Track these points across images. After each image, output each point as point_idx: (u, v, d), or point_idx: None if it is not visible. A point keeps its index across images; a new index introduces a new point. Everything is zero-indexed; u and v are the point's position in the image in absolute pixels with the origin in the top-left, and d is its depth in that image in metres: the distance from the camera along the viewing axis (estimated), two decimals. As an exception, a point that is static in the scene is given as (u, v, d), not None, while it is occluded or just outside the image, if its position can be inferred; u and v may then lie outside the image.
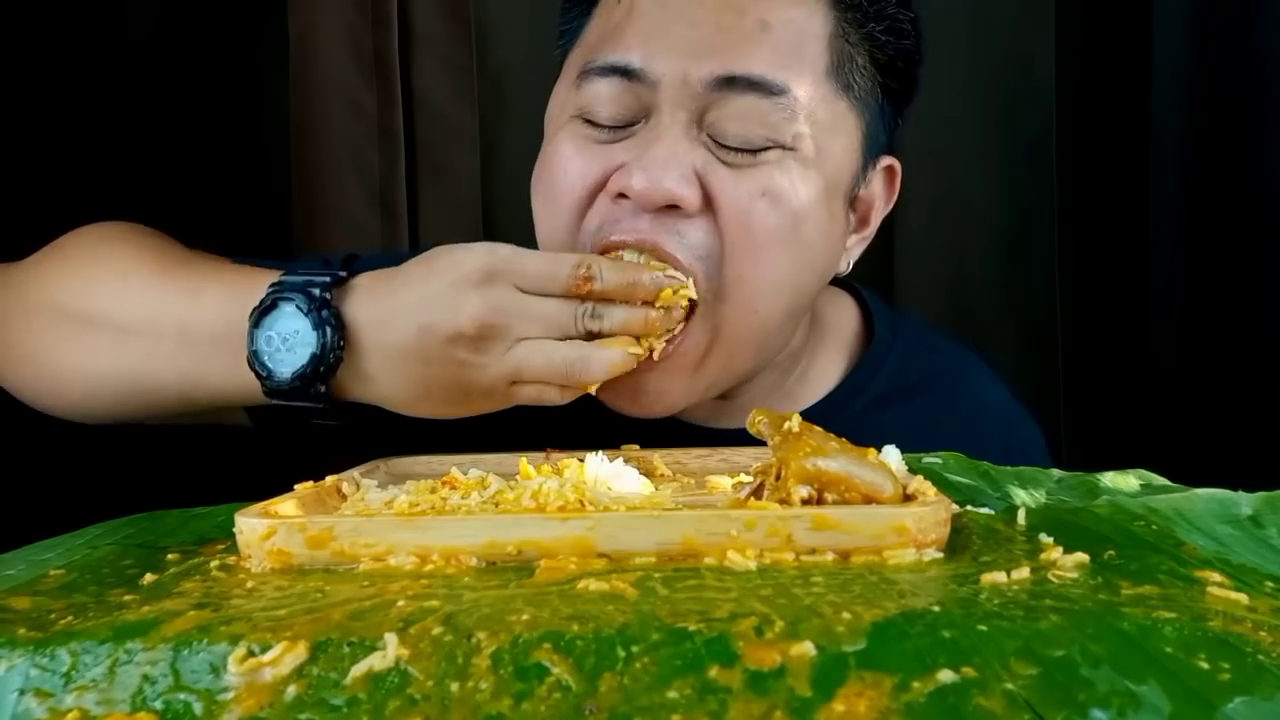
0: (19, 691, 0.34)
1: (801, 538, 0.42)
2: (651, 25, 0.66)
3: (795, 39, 0.66)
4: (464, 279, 0.60)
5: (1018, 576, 0.39)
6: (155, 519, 0.56)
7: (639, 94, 0.66)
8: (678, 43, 0.65)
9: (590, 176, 0.66)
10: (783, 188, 0.65)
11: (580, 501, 0.47)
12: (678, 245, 0.64)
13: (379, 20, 1.12)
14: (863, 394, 0.79)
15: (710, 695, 0.31)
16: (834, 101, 0.68)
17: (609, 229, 0.65)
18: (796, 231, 0.66)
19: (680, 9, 0.66)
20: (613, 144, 0.67)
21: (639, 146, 0.65)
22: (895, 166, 0.75)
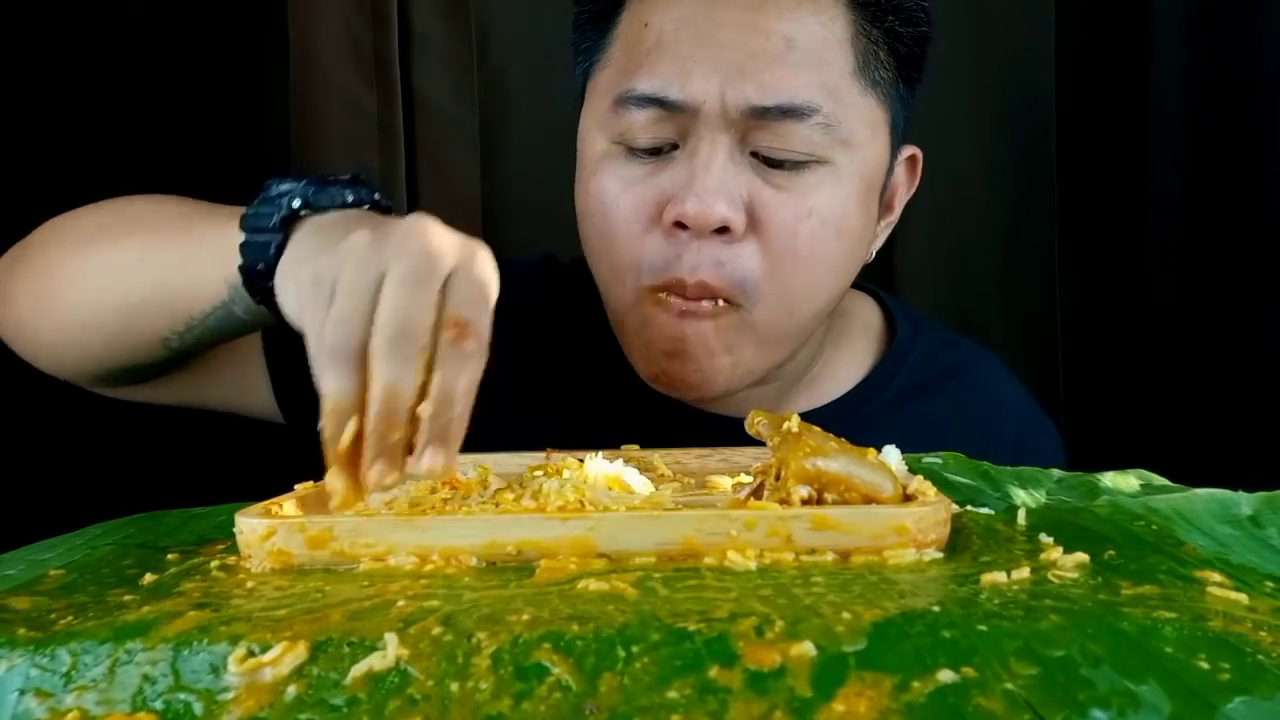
0: (19, 691, 0.34)
1: (801, 538, 0.42)
2: (684, 52, 0.67)
3: (820, 50, 0.68)
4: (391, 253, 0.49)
5: (1018, 576, 0.39)
6: (155, 519, 0.56)
7: (678, 121, 0.67)
8: (712, 69, 0.66)
9: (643, 210, 0.68)
10: (826, 203, 0.68)
11: (580, 501, 0.47)
12: (721, 279, 0.67)
13: (379, 20, 1.12)
14: (887, 389, 0.82)
15: (710, 695, 0.31)
16: (863, 101, 0.70)
17: (669, 270, 0.68)
18: (839, 242, 0.70)
19: (709, 34, 0.67)
20: (656, 173, 0.68)
21: (685, 174, 0.67)
22: (917, 155, 0.78)
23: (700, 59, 0.67)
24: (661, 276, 0.68)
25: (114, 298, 0.66)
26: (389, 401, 0.44)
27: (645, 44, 0.69)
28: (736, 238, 0.67)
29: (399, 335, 0.45)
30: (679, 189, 0.67)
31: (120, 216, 0.69)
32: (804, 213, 0.68)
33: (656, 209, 0.68)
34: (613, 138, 0.70)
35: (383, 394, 0.44)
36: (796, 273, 0.69)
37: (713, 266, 0.67)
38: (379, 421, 0.44)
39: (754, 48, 0.66)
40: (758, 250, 0.68)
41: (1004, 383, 0.88)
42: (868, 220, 0.73)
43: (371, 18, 1.12)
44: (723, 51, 0.66)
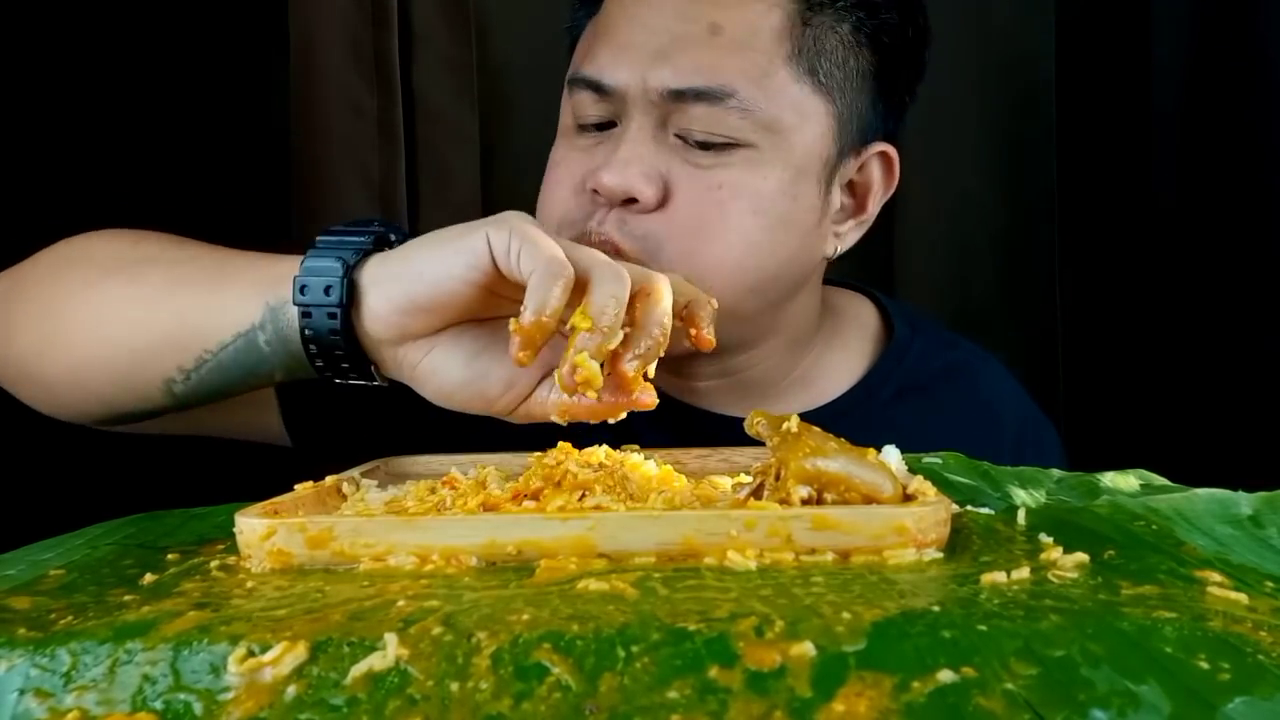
0: (19, 691, 0.34)
1: (801, 538, 0.42)
2: (619, 38, 0.72)
3: (746, 37, 0.70)
4: None
5: (1018, 576, 0.39)
6: (155, 519, 0.56)
7: (612, 103, 0.72)
8: (637, 54, 0.70)
9: (574, 177, 0.73)
10: (739, 180, 0.70)
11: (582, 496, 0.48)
12: (622, 234, 0.70)
13: (379, 20, 1.12)
14: (885, 386, 0.82)
15: (710, 695, 0.31)
16: (794, 88, 0.71)
17: (578, 225, 0.72)
18: (750, 220, 0.71)
19: (642, 19, 0.71)
20: (593, 147, 0.73)
21: (611, 149, 0.71)
22: (891, 153, 0.77)
23: (630, 45, 0.71)
24: (573, 230, 0.72)
25: (124, 337, 0.64)
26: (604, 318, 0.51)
27: (595, 30, 0.74)
28: (645, 208, 0.70)
29: (642, 275, 0.54)
30: (600, 162, 0.71)
31: (136, 251, 0.68)
32: (714, 185, 0.70)
33: (584, 177, 0.72)
34: (568, 116, 0.75)
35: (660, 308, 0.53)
36: (704, 244, 0.70)
37: (617, 225, 0.70)
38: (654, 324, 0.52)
39: (678, 32, 0.70)
40: (665, 219, 0.70)
41: (1004, 383, 0.88)
42: (798, 207, 0.72)
43: (371, 18, 1.12)
44: (649, 37, 0.70)
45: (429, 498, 0.51)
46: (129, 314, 0.64)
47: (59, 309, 0.67)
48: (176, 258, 0.66)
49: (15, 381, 0.71)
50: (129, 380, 0.65)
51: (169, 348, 0.62)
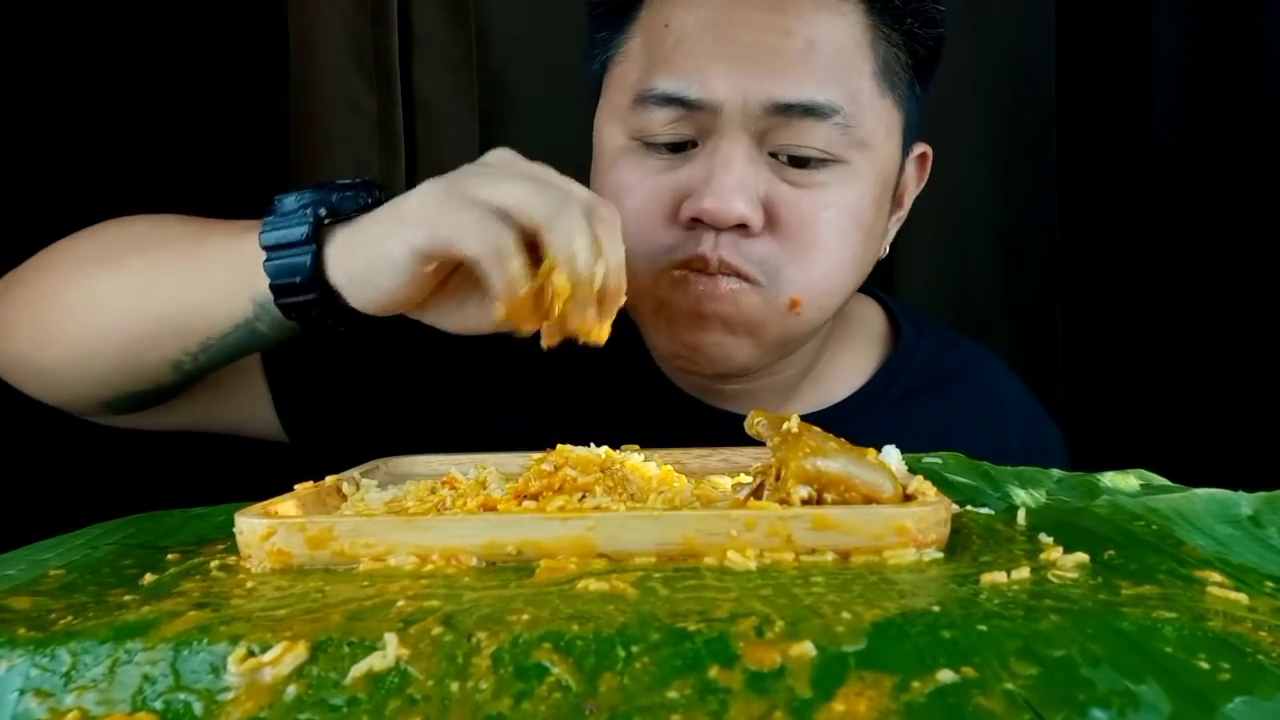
0: (19, 691, 0.34)
1: (801, 538, 0.42)
2: (706, 51, 0.68)
3: (841, 53, 0.69)
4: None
5: (1018, 576, 0.39)
6: (155, 519, 0.56)
7: (697, 120, 0.68)
8: (733, 69, 0.67)
9: (661, 202, 0.70)
10: (841, 200, 0.70)
11: (582, 497, 0.48)
12: (742, 260, 0.68)
13: (379, 20, 1.12)
14: (893, 387, 0.83)
15: (710, 695, 0.31)
16: (881, 103, 0.71)
17: (685, 250, 0.69)
18: (854, 237, 0.71)
19: (730, 34, 0.68)
20: (674, 168, 0.70)
21: (704, 171, 0.68)
22: (928, 152, 0.80)
23: (722, 58, 0.67)
24: (681, 256, 0.69)
25: (119, 325, 0.65)
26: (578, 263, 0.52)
27: (665, 44, 0.69)
28: (754, 233, 0.68)
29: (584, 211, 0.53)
30: (697, 185, 0.68)
31: (120, 239, 0.68)
32: (821, 206, 0.69)
33: (674, 203, 0.69)
34: (631, 133, 0.71)
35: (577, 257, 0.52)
36: (818, 263, 0.70)
37: (732, 252, 0.68)
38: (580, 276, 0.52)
39: (776, 47, 0.67)
40: (774, 242, 0.69)
41: (1009, 384, 0.89)
42: (881, 217, 0.74)
43: (371, 18, 1.12)
44: (745, 50, 0.67)
45: (429, 498, 0.51)
46: (118, 303, 0.65)
47: (51, 300, 0.68)
48: (155, 242, 0.67)
49: (18, 375, 0.71)
50: (132, 364, 0.66)
51: (168, 333, 0.64)
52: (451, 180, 0.55)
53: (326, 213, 0.58)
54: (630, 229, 0.69)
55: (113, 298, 0.65)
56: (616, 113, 0.72)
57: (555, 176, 0.56)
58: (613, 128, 0.72)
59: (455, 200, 0.53)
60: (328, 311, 0.60)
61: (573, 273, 0.52)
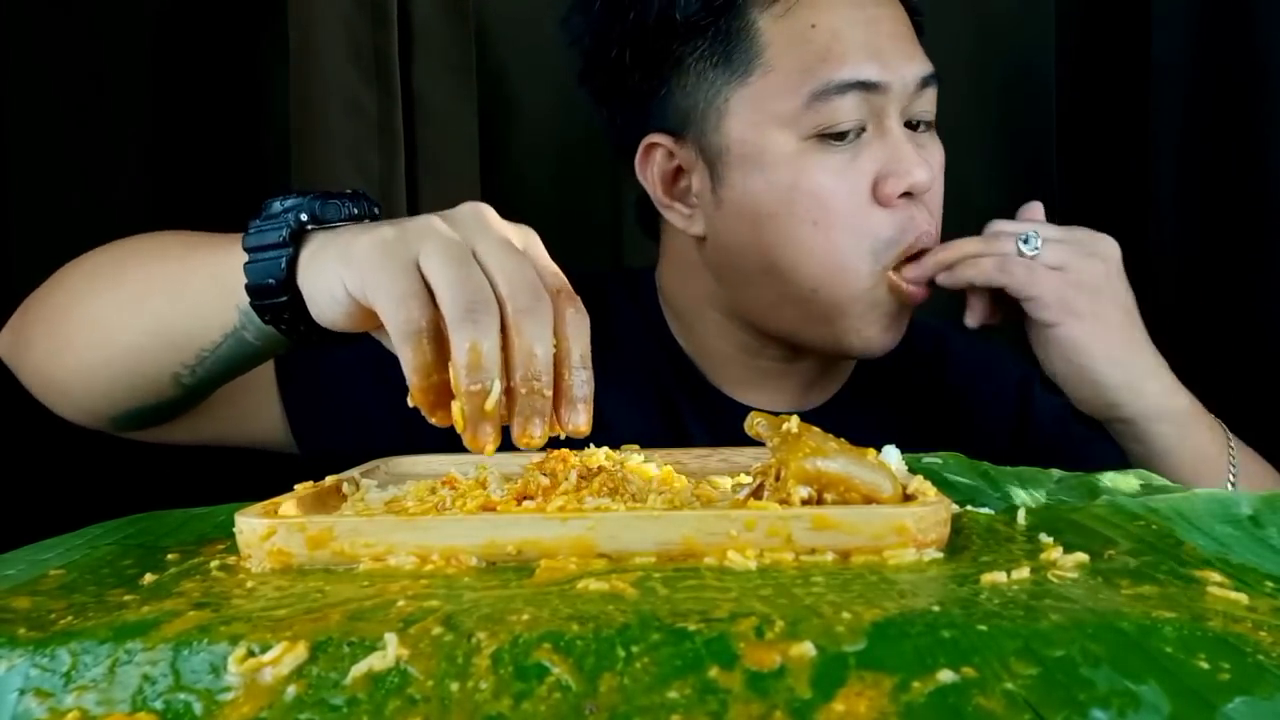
0: (19, 691, 0.34)
1: (801, 538, 0.42)
2: (866, 39, 0.74)
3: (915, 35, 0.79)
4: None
5: (1018, 576, 0.39)
6: (155, 519, 0.56)
7: (872, 103, 0.74)
8: (892, 51, 0.75)
9: (864, 193, 0.75)
10: (942, 160, 0.80)
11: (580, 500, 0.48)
12: (933, 224, 0.78)
13: (379, 20, 1.12)
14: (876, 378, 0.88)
15: (710, 695, 0.31)
16: None
17: (908, 232, 0.76)
18: None
19: (873, 25, 0.75)
20: (856, 157, 0.75)
21: (886, 150, 0.75)
22: None
23: (876, 45, 0.74)
24: (902, 244, 0.76)
25: (119, 339, 0.66)
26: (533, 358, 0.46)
27: (822, 41, 0.74)
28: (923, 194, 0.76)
29: (530, 295, 0.47)
30: (891, 164, 0.74)
31: (122, 254, 0.69)
32: (940, 166, 0.79)
33: (870, 187, 0.75)
34: (806, 133, 0.74)
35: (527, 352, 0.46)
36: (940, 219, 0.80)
37: (926, 218, 0.76)
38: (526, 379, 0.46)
39: (902, 32, 0.76)
40: (933, 200, 0.78)
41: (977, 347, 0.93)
42: None
43: (371, 18, 1.12)
44: (887, 38, 0.75)
45: (429, 498, 0.51)
46: (118, 318, 0.66)
47: (62, 315, 0.70)
48: (151, 255, 0.67)
49: (39, 389, 0.73)
50: (134, 378, 0.67)
51: (165, 346, 0.64)
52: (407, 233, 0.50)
53: (309, 219, 0.56)
54: (848, 231, 0.75)
55: (113, 311, 0.66)
56: (781, 119, 0.74)
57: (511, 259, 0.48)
58: (778, 135, 0.74)
59: (396, 260, 0.49)
60: (300, 318, 0.57)
61: (461, 384, 0.46)
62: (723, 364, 0.85)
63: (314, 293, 0.55)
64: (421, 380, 0.47)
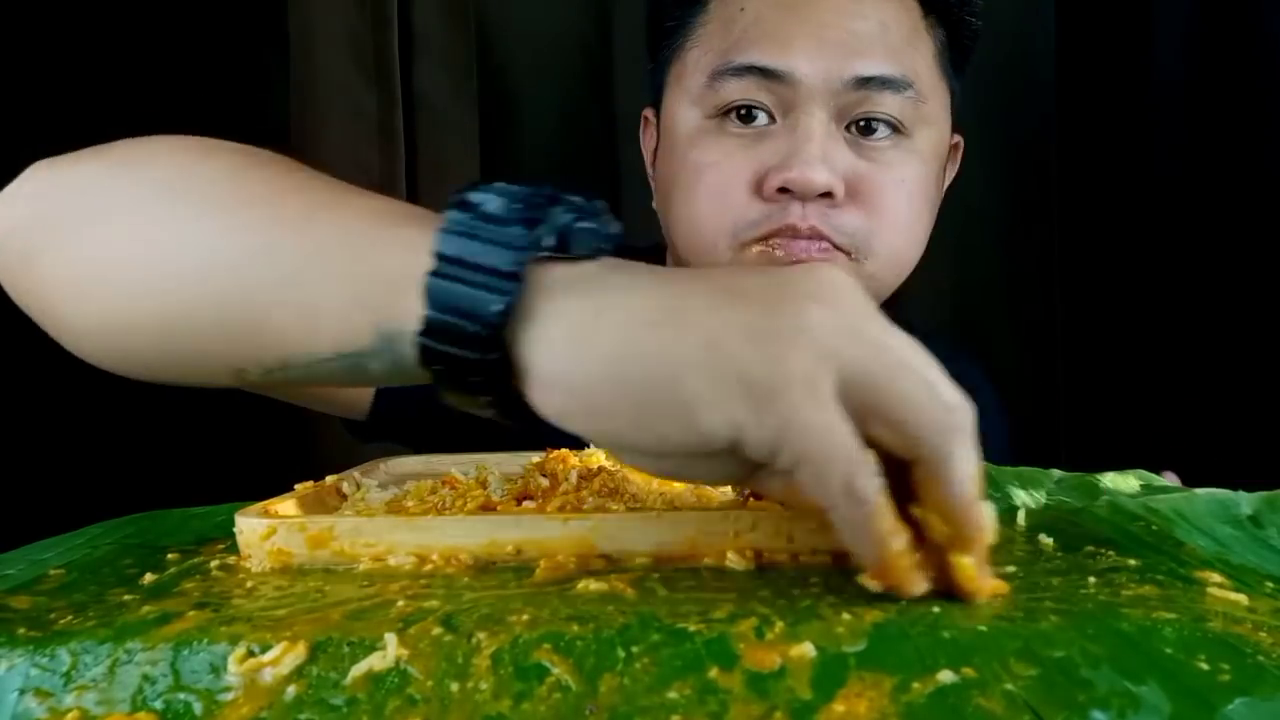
0: (19, 691, 0.34)
1: (801, 538, 0.42)
2: (786, 28, 0.71)
3: (907, 34, 0.73)
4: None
5: (1018, 577, 0.39)
6: (155, 519, 0.56)
7: (777, 93, 0.71)
8: (817, 44, 0.71)
9: (743, 178, 0.72)
10: (910, 176, 0.73)
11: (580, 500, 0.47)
12: (831, 229, 0.71)
13: (379, 20, 1.12)
14: None
15: (710, 696, 0.31)
16: (940, 85, 0.76)
17: (773, 220, 0.71)
18: (921, 210, 0.75)
19: (807, 13, 0.71)
20: (754, 144, 0.72)
21: (786, 145, 0.70)
22: (960, 142, 0.84)
23: (801, 35, 0.71)
24: (765, 228, 0.71)
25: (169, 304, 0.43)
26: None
27: (742, 22, 0.72)
28: (838, 203, 0.71)
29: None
30: (781, 159, 0.70)
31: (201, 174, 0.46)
32: (895, 180, 0.72)
33: (756, 177, 0.71)
34: (708, 112, 0.73)
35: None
36: (894, 234, 0.73)
37: (821, 219, 0.70)
38: None
39: (854, 28, 0.71)
40: (861, 214, 0.72)
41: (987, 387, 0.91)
42: (938, 195, 0.78)
43: (371, 18, 1.12)
44: (824, 30, 0.71)
45: (429, 498, 0.51)
46: (186, 276, 0.43)
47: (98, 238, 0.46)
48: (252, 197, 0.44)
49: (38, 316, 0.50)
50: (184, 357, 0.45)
51: (237, 335, 0.43)
52: (814, 344, 0.34)
53: (557, 242, 0.38)
54: (713, 204, 0.73)
55: (179, 265, 0.43)
56: (690, 94, 0.75)
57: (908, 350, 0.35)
58: (686, 110, 0.75)
59: (820, 392, 0.33)
60: (493, 387, 0.38)
61: (968, 522, 0.35)
62: None
63: (612, 403, 0.35)
64: (897, 543, 0.35)
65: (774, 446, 0.34)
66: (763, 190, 0.71)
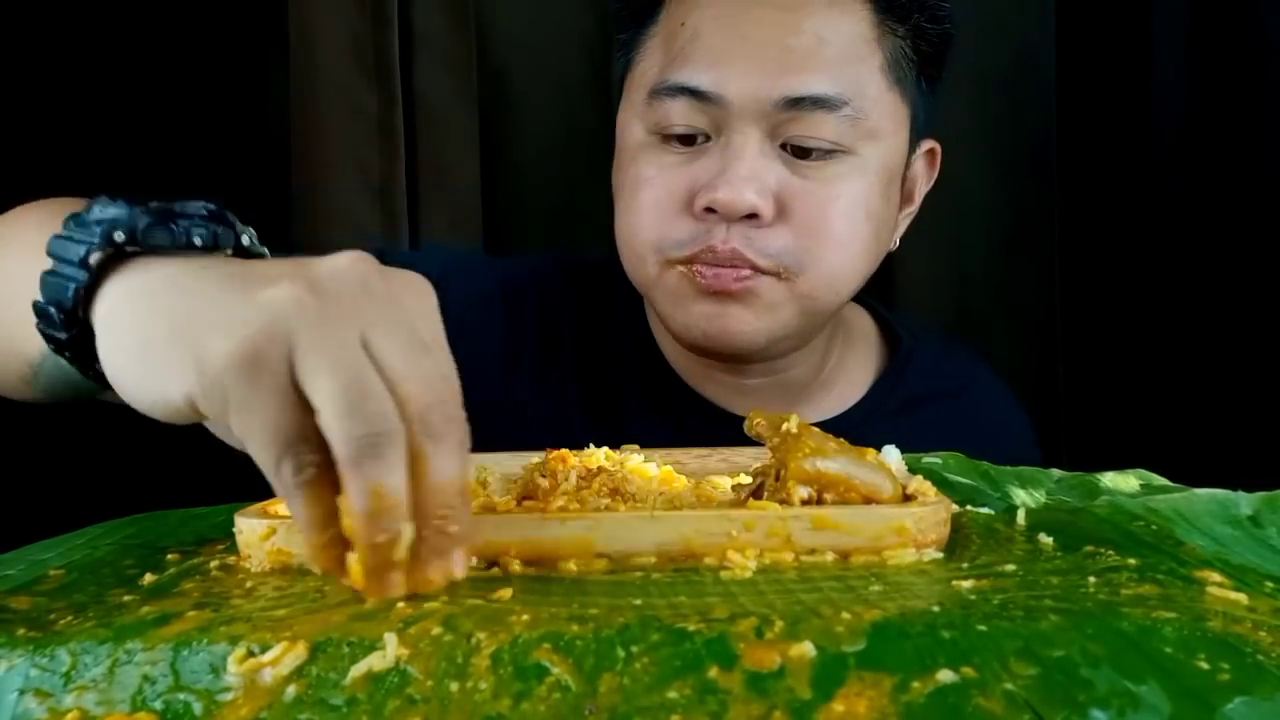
0: (19, 691, 0.34)
1: (801, 538, 0.42)
2: (718, 47, 0.70)
3: (849, 47, 0.71)
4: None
5: (1017, 576, 0.39)
6: (155, 519, 0.56)
7: (710, 113, 0.70)
8: (746, 64, 0.69)
9: (675, 194, 0.71)
10: (851, 193, 0.71)
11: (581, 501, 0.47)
12: (755, 252, 0.70)
13: (379, 20, 1.12)
14: (894, 396, 0.85)
15: (710, 696, 0.31)
16: (889, 97, 0.73)
17: (698, 241, 0.70)
18: (864, 227, 0.73)
19: (743, 30, 0.70)
20: (690, 161, 0.72)
21: (718, 163, 0.70)
22: (936, 149, 0.82)
23: (735, 54, 0.70)
24: (690, 250, 0.71)
25: None
26: (445, 491, 0.36)
27: (681, 40, 0.72)
28: (764, 223, 0.70)
29: (448, 415, 0.36)
30: (711, 177, 0.70)
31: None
32: (831, 198, 0.71)
33: (688, 195, 0.71)
34: (649, 128, 0.73)
35: (445, 489, 0.36)
36: (830, 252, 0.71)
37: (743, 243, 0.70)
38: (437, 516, 0.36)
39: (788, 44, 0.69)
40: (789, 232, 0.70)
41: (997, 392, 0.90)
42: (890, 209, 0.76)
43: (371, 18, 1.12)
44: (757, 48, 0.69)
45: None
46: None
47: None
48: (11, 232, 0.55)
49: None
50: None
51: (5, 348, 0.54)
52: (273, 325, 0.35)
53: (127, 239, 0.42)
54: (644, 219, 0.72)
55: None
56: (635, 109, 0.75)
57: (418, 359, 0.36)
58: (633, 124, 0.75)
59: (267, 378, 0.35)
60: (88, 362, 0.44)
61: (362, 535, 0.35)
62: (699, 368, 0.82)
63: (124, 366, 0.40)
64: (320, 534, 0.36)
65: (224, 420, 0.36)
66: (693, 208, 0.71)
